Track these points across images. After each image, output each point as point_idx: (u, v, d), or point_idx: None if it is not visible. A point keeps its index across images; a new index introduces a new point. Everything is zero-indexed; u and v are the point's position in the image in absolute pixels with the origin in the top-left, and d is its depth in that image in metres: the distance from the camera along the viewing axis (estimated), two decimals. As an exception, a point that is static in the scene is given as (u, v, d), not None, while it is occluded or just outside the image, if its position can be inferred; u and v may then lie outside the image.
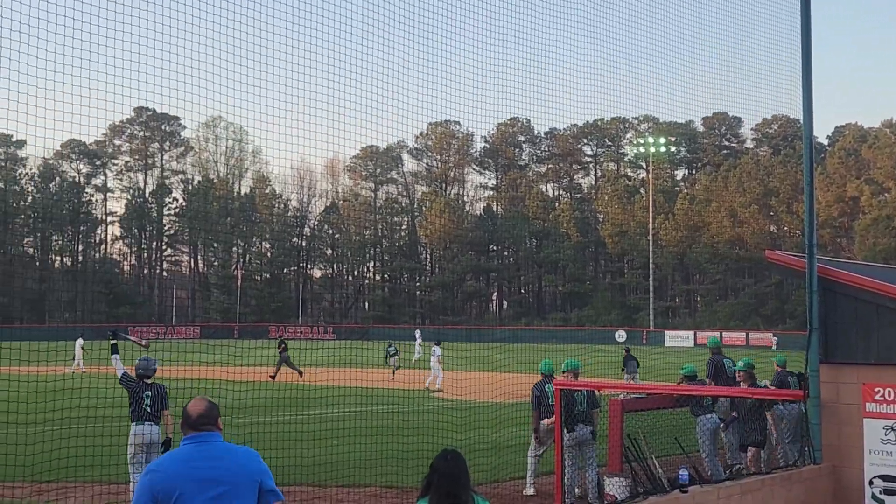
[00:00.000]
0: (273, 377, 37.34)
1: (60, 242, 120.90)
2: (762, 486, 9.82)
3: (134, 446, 12.65)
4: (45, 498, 13.57)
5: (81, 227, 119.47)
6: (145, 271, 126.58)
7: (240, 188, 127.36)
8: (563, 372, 14.29)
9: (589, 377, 21.78)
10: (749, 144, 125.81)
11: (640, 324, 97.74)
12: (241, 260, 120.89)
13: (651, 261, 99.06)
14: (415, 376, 32.79)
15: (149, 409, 12.65)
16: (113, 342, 13.58)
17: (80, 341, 42.71)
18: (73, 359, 41.05)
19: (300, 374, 36.49)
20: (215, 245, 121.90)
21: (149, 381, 12.93)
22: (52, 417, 14.88)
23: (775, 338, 76.15)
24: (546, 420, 14.49)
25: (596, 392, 14.06)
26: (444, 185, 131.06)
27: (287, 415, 22.51)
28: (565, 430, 13.22)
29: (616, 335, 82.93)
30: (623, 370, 31.03)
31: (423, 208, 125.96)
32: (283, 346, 39.19)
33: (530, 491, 14.77)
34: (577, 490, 13.72)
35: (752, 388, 14.43)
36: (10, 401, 16.01)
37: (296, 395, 24.83)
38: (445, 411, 22.39)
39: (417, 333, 74.76)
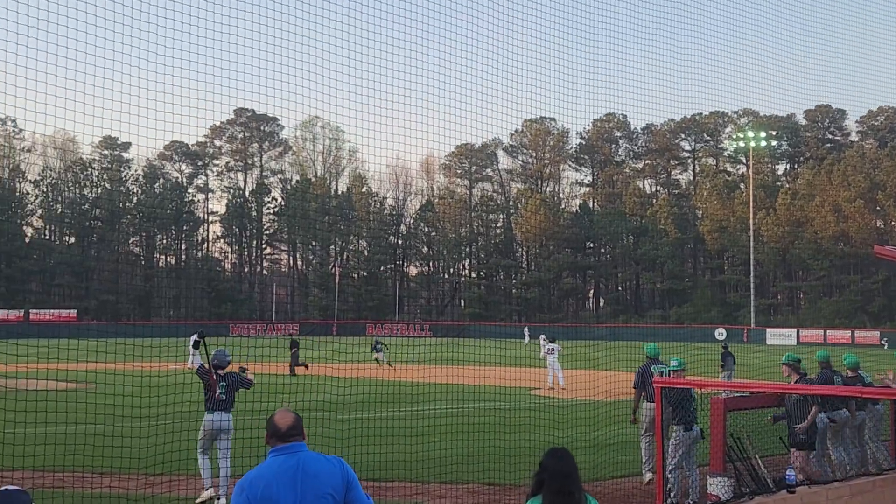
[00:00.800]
0: (293, 373, 37.86)
1: (165, 241, 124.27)
2: (873, 488, 9.59)
3: (204, 431, 13.38)
4: (156, 490, 14.00)
5: (184, 227, 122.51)
6: (246, 269, 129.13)
7: (337, 187, 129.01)
8: (675, 370, 14.11)
9: (689, 375, 21.49)
10: (854, 137, 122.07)
11: (741, 321, 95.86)
12: (339, 258, 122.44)
13: (752, 257, 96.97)
14: (519, 374, 32.70)
15: (222, 398, 13.33)
16: (197, 340, 14.31)
17: (193, 338, 43.78)
18: (188, 355, 42.09)
19: (306, 367, 37.75)
20: (313, 243, 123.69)
21: (222, 373, 13.60)
22: (164, 412, 15.34)
23: (885, 337, 73.92)
24: (648, 404, 14.43)
25: (695, 391, 13.86)
26: (539, 182, 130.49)
27: (387, 411, 22.76)
28: (682, 429, 13.07)
29: (716, 333, 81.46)
30: (721, 367, 30.53)
31: (519, 205, 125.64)
32: (295, 345, 40.48)
33: (648, 476, 14.67)
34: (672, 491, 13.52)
35: (798, 383, 13.89)
36: (123, 395, 16.58)
37: (395, 391, 25.08)
38: (545, 408, 22.36)
39: (526, 331, 74.75)
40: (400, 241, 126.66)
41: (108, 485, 13.76)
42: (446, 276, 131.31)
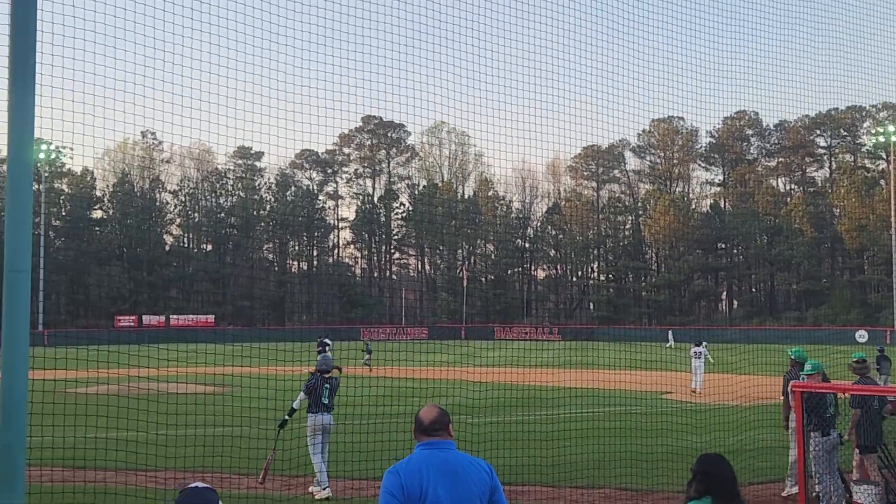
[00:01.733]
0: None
1: (297, 248, 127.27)
2: None
3: (312, 429, 14.25)
4: (296, 492, 14.26)
5: (315, 233, 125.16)
6: (375, 274, 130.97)
7: (464, 191, 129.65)
8: (809, 374, 13.59)
9: (835, 380, 20.69)
10: None
11: (883, 323, 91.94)
12: (467, 262, 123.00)
13: (894, 256, 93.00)
14: (652, 378, 32.15)
15: (325, 401, 14.32)
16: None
17: (324, 341, 44.78)
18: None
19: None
20: (441, 248, 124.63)
21: (327, 376, 14.56)
22: (299, 415, 15.61)
23: None
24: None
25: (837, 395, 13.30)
26: (668, 183, 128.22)
27: (518, 415, 22.67)
28: (819, 435, 12.59)
29: (857, 335, 78.41)
30: (877, 370, 29.21)
31: (648, 206, 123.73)
32: (322, 346, 40.40)
33: (789, 489, 14.20)
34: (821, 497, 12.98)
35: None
36: (258, 398, 16.98)
37: (526, 395, 24.97)
38: (681, 413, 21.89)
39: (670, 334, 73.44)
40: (527, 245, 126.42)
41: (248, 485, 14.09)
42: (574, 278, 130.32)
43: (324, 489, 13.86)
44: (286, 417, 14.45)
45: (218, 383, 29.79)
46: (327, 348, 39.56)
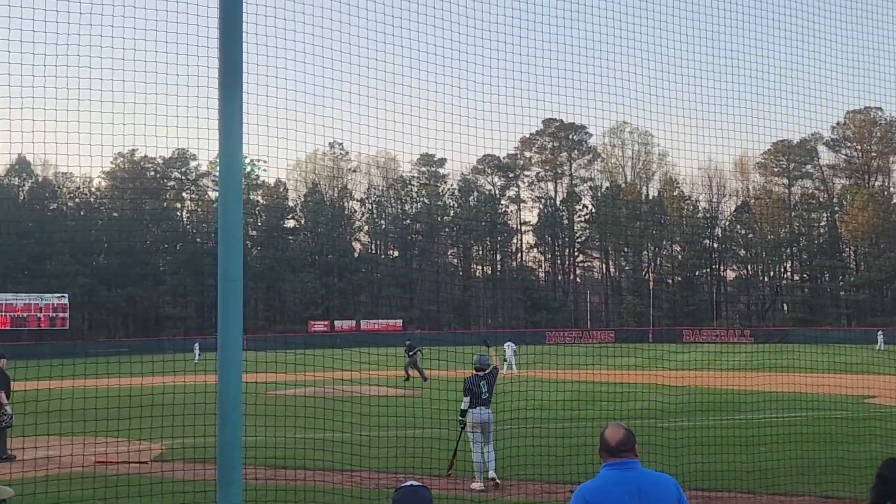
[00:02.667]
0: (406, 378, 37.89)
1: (480, 252, 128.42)
2: None
3: (471, 425, 14.88)
4: (489, 495, 14.37)
5: (498, 238, 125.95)
6: (559, 277, 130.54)
7: (648, 192, 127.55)
8: None
9: None
10: None
11: None
12: (653, 263, 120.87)
13: None
14: (854, 382, 30.66)
15: (484, 396, 14.96)
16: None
17: (510, 345, 44.96)
18: (504, 361, 43.27)
19: (406, 378, 37.37)
20: (626, 249, 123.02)
21: (482, 374, 15.21)
22: (510, 418, 15.81)
23: None
24: None
25: None
26: (866, 177, 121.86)
27: (712, 419, 22.08)
28: None
29: None
30: None
31: (844, 202, 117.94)
32: (413, 350, 39.49)
33: None
34: None
35: None
36: (447, 399, 17.21)
37: (719, 399, 24.30)
38: (889, 418, 20.80)
39: (879, 336, 69.68)
40: (715, 245, 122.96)
41: (443, 486, 14.31)
42: (766, 279, 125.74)
43: (478, 482, 14.52)
44: (461, 419, 15.13)
45: (408, 385, 30.41)
46: (419, 352, 39.82)
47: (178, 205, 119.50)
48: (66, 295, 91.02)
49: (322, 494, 13.20)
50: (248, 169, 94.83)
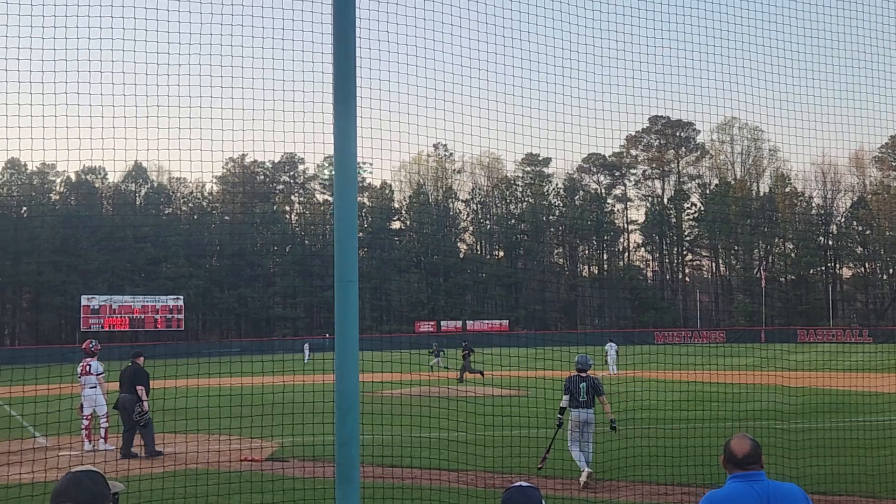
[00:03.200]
0: (460, 380, 37.60)
1: (586, 252, 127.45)
2: None
3: (572, 423, 14.95)
4: (599, 496, 14.19)
5: (605, 237, 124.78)
6: (667, 277, 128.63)
7: (758, 188, 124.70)
8: None
9: None
10: None
11: None
12: (764, 262, 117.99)
13: None
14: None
15: (582, 399, 14.96)
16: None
17: (611, 345, 44.46)
18: (608, 364, 42.84)
19: (482, 374, 36.98)
20: (736, 247, 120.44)
21: (583, 375, 15.22)
22: (616, 419, 15.63)
23: None
24: None
25: None
26: None
27: (831, 421, 21.38)
28: None
29: None
30: None
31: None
32: (467, 350, 39.31)
33: None
34: None
35: None
36: (553, 399, 17.05)
37: (838, 400, 23.52)
38: None
39: None
40: (830, 242, 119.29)
41: (550, 487, 14.17)
42: (885, 276, 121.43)
43: (584, 472, 14.54)
44: (559, 416, 15.13)
45: (514, 386, 30.33)
46: (471, 352, 39.84)
47: (287, 208, 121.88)
48: (181, 296, 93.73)
49: (431, 492, 13.22)
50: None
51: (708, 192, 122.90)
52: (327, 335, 74.69)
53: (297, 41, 11.50)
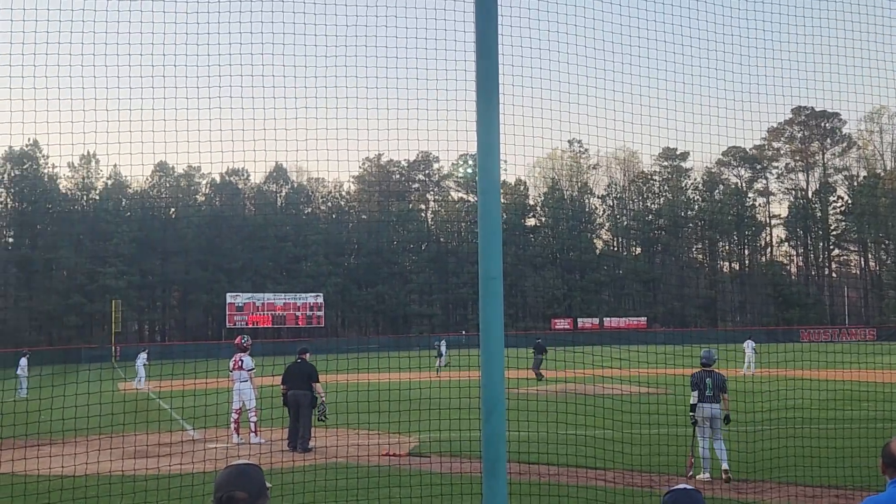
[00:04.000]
0: (538, 378, 37.98)
1: (727, 248, 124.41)
2: None
3: (700, 419, 14.93)
4: (745, 497, 13.83)
5: (746, 232, 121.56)
6: (812, 272, 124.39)
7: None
8: None
9: None
10: None
11: None
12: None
13: None
14: None
15: (709, 393, 14.98)
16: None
17: (749, 343, 43.46)
18: (745, 362, 41.77)
19: (539, 378, 37.78)
20: (887, 242, 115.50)
21: (709, 369, 15.24)
22: (762, 419, 15.30)
23: None
24: None
25: None
26: None
27: None
28: None
29: None
30: None
31: None
32: (540, 349, 39.39)
33: None
34: None
35: None
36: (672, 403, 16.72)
37: None
38: None
39: None
40: None
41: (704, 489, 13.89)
42: None
43: (704, 474, 14.53)
44: (692, 414, 15.04)
45: (652, 384, 29.90)
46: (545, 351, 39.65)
47: (423, 206, 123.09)
48: (321, 294, 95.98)
49: (572, 489, 13.13)
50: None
51: (856, 184, 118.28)
52: (464, 332, 75.09)
53: (431, 40, 11.61)
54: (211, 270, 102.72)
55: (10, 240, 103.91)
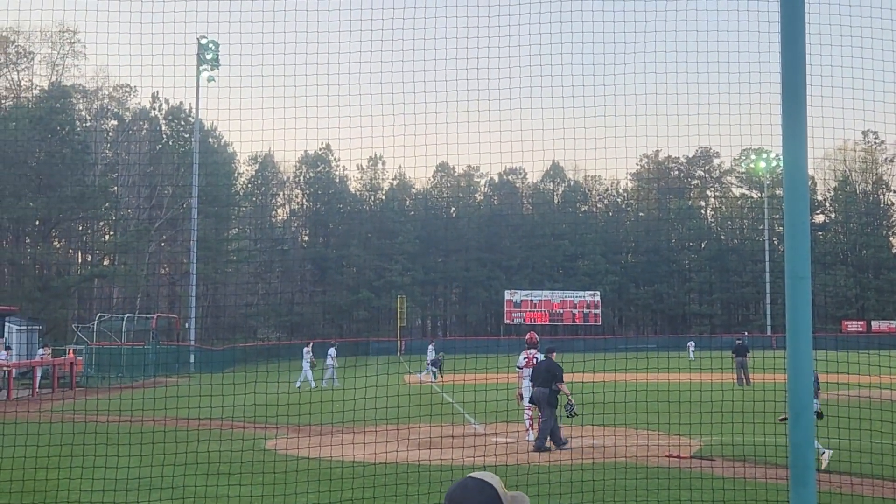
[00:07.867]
0: (747, 382, 35.99)
1: None
2: None
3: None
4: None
5: None
6: None
7: None
8: None
9: None
10: None
11: None
12: None
13: None
14: None
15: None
16: None
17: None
18: None
19: (744, 383, 35.85)
20: None
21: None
22: None
23: None
24: None
25: None
26: None
27: None
28: None
29: None
30: None
31: None
32: (742, 352, 37.95)
33: None
34: None
35: None
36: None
37: None
38: None
39: None
40: None
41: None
42: None
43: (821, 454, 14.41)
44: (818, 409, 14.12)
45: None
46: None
47: (702, 203, 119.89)
48: (598, 292, 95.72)
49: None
50: (774, 164, 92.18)
51: None
52: (746, 333, 72.20)
53: (726, 42, 11.28)
54: (489, 268, 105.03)
55: (306, 238, 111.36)
